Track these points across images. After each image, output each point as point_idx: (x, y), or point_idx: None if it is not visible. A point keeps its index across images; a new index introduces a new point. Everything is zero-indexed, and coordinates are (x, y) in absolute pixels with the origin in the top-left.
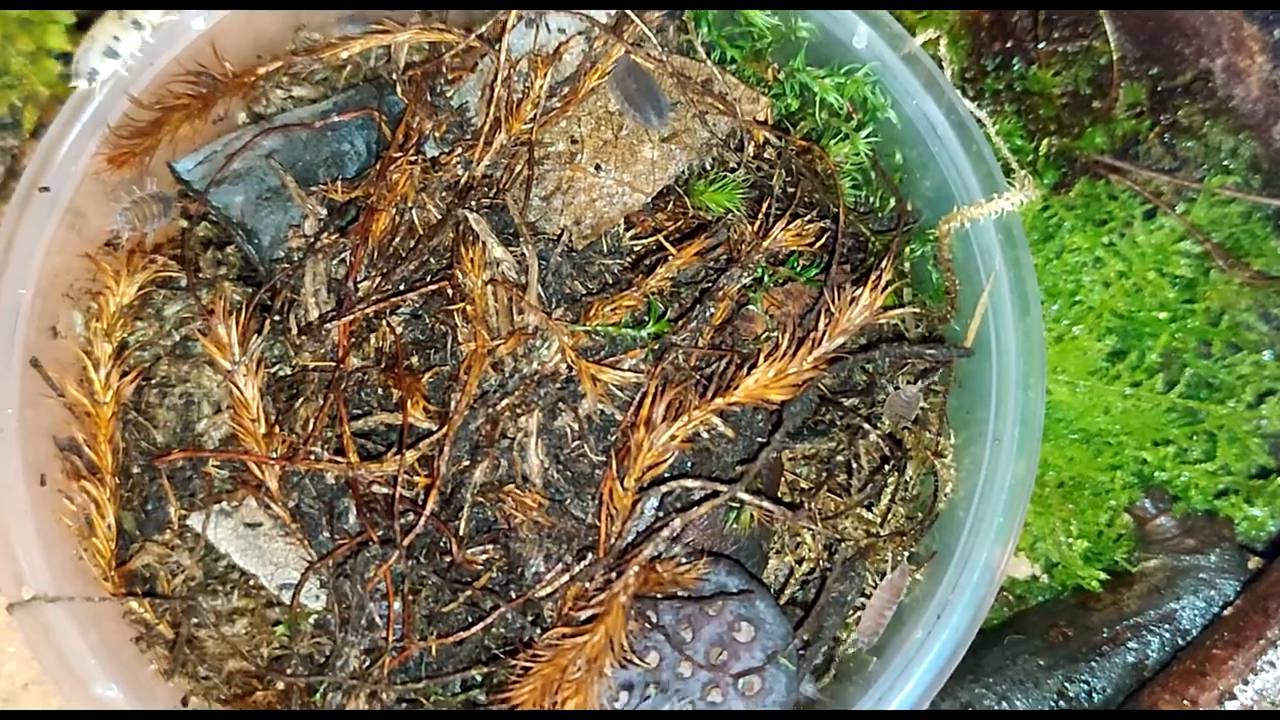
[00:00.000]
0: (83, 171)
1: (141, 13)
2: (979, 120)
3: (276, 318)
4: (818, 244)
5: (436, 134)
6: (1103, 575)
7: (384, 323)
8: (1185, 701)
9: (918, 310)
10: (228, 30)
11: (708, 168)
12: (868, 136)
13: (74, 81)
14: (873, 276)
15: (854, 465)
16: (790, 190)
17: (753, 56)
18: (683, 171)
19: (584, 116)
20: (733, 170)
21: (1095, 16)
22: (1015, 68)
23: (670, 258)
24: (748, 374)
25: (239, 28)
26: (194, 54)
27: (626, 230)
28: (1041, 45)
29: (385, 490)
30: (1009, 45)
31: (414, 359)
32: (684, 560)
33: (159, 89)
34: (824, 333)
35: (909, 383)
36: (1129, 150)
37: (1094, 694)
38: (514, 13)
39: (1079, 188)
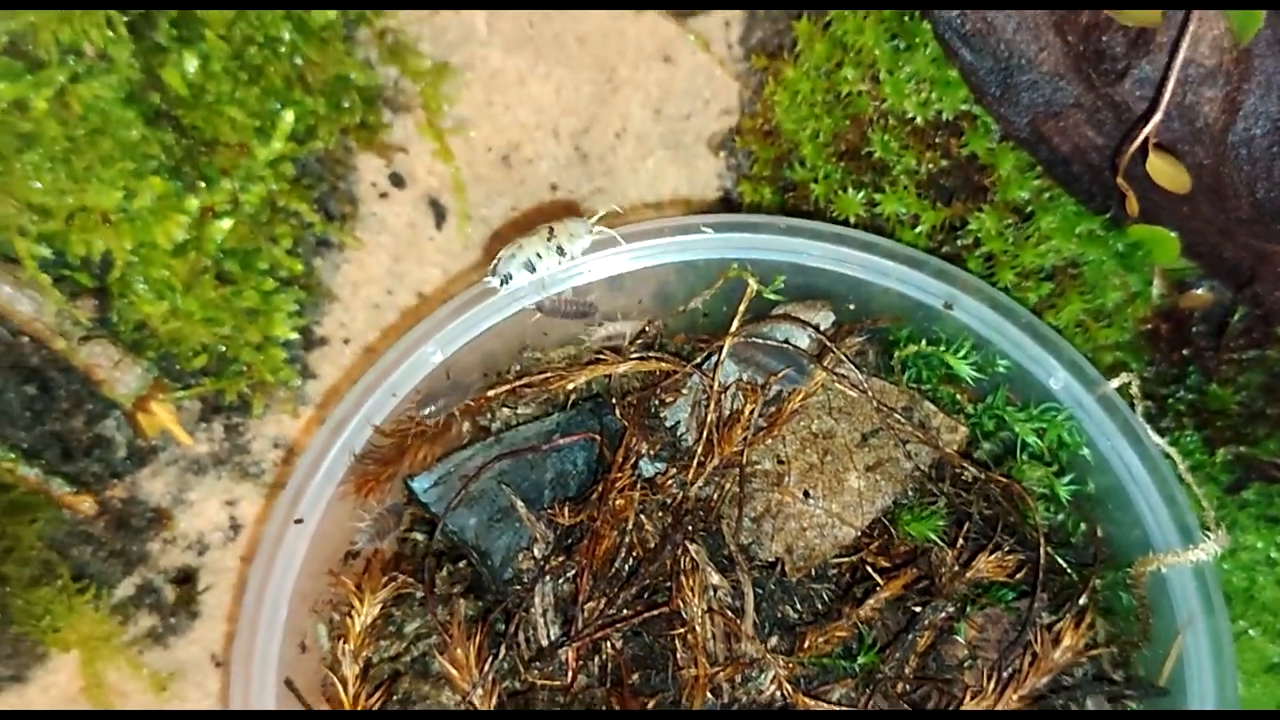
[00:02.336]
0: (330, 498)
1: (568, 239)
2: (1170, 458)
3: (509, 638)
4: (1017, 574)
5: (650, 452)
6: None
7: (608, 643)
8: None
9: (1115, 650)
10: (460, 359)
11: (910, 496)
12: (1068, 483)
13: (488, 279)
14: (1072, 615)
15: None
16: (986, 512)
17: (947, 378)
18: (889, 505)
19: (789, 436)
20: (934, 499)
21: (1268, 325)
22: (1191, 379)
23: (879, 588)
24: (955, 712)
25: (470, 354)
26: (430, 381)
27: (833, 555)
28: (1219, 365)
29: None
30: (1185, 353)
31: (635, 676)
32: None
33: (400, 416)
34: (1026, 672)
35: (1102, 704)
36: None
37: None
38: (726, 347)
39: (1253, 489)
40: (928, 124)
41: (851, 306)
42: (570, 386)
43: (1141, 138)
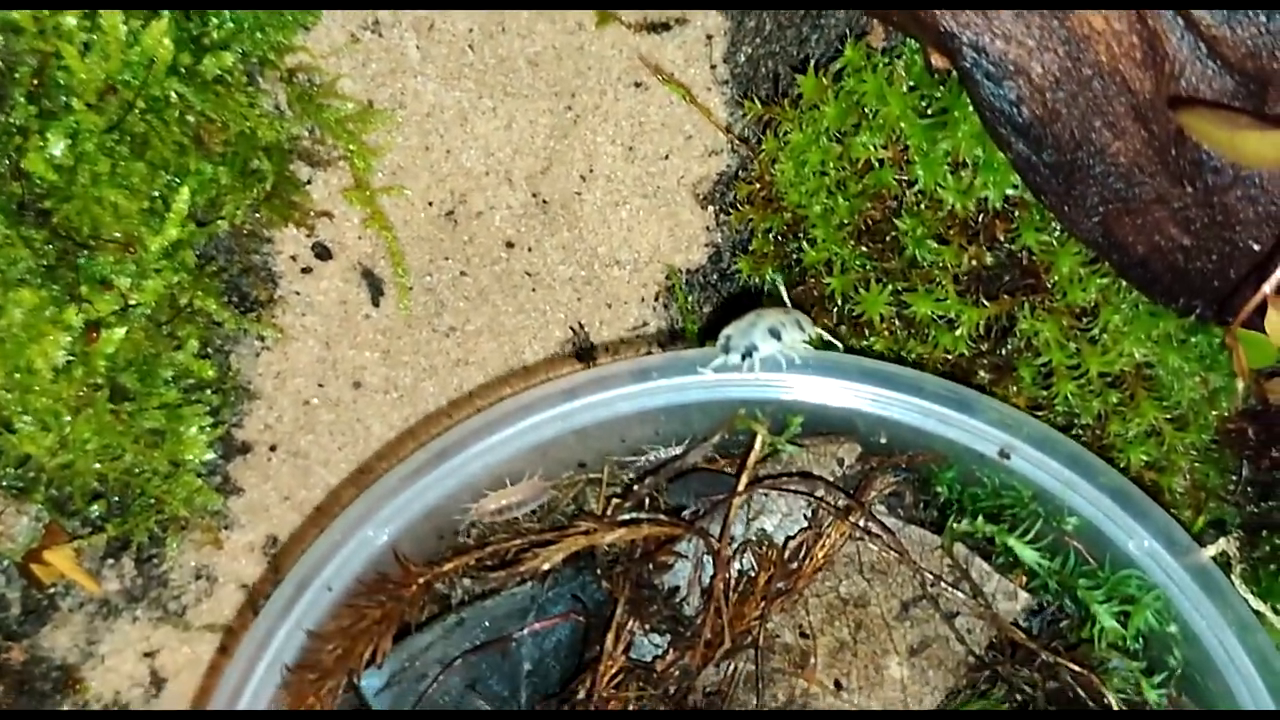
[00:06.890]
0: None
1: (795, 324)
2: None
3: None
4: None
5: (646, 627)
6: None
7: None
8: None
9: None
10: (410, 531)
11: (962, 685)
12: (1158, 683)
13: (722, 359)
14: None
15: None
16: (1051, 707)
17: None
18: (940, 702)
19: (813, 600)
20: (989, 686)
21: None
22: None
23: None
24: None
25: (421, 525)
26: (372, 564)
27: None
28: None
29: None
30: (1277, 455)
31: None
32: None
33: (337, 609)
34: None
35: None
36: None
37: None
38: (734, 507)
39: None
40: (968, 213)
41: (883, 440)
42: (546, 567)
43: (1261, 296)
